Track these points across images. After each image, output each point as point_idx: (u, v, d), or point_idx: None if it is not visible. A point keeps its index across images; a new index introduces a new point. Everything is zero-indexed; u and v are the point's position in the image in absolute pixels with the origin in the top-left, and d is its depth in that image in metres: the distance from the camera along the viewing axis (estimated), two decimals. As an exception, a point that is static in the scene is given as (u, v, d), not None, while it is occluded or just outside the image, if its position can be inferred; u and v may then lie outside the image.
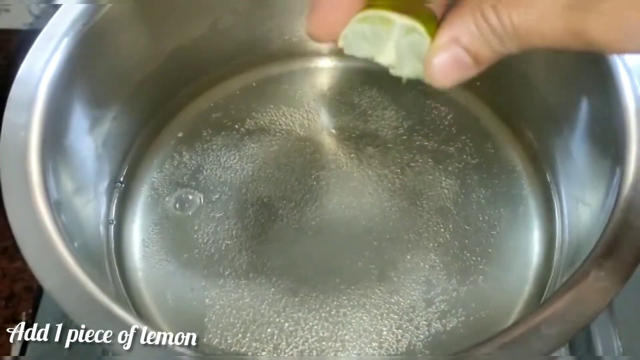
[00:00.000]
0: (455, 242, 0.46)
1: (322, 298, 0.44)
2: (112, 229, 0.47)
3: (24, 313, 0.47)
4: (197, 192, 0.48)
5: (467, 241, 0.46)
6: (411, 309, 0.43)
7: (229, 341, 0.42)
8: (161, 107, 0.51)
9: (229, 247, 0.46)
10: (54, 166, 0.38)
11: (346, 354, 0.42)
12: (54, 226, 0.35)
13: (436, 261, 0.45)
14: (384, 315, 0.43)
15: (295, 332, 0.43)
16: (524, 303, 0.44)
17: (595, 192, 0.41)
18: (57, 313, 0.33)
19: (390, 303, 0.43)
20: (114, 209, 0.48)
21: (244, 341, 0.42)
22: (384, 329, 0.43)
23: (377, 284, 0.44)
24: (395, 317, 0.43)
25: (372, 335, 0.42)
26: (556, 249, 0.46)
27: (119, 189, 0.49)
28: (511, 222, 0.47)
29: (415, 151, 0.50)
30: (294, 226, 0.47)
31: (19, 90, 0.38)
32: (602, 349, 0.42)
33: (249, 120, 0.52)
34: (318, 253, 0.45)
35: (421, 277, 0.44)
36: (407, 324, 0.43)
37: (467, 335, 0.42)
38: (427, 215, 0.47)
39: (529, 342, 0.31)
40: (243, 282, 0.44)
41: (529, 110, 0.50)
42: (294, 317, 0.43)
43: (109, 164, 0.47)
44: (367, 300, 0.43)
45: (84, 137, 0.44)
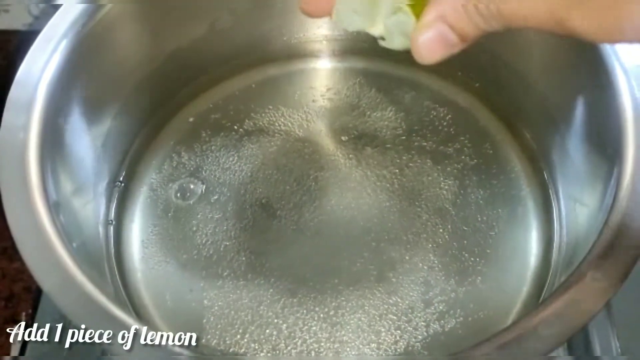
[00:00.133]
0: (454, 243, 0.46)
1: (320, 299, 0.44)
2: (111, 229, 0.47)
3: (24, 313, 0.47)
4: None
5: (465, 242, 0.46)
6: (410, 310, 0.43)
7: (227, 342, 0.42)
8: (160, 108, 0.51)
9: (227, 248, 0.46)
10: (52, 167, 0.38)
11: (345, 355, 0.42)
12: (53, 227, 0.35)
13: (435, 262, 0.45)
14: (383, 316, 0.43)
15: (294, 332, 0.43)
16: (522, 303, 0.44)
17: (593, 192, 0.41)
18: (57, 313, 0.33)
19: (389, 304, 0.43)
20: (113, 210, 0.48)
21: (243, 342, 0.42)
22: (382, 329, 0.43)
23: (376, 285, 0.44)
24: (393, 317, 0.43)
25: (370, 336, 0.42)
26: (554, 249, 0.46)
27: (118, 189, 0.49)
28: (509, 223, 0.47)
29: (413, 152, 0.50)
30: (292, 227, 0.47)
31: (18, 91, 0.38)
32: (600, 349, 0.42)
33: (247, 121, 0.52)
34: (317, 254, 0.45)
35: (420, 278, 0.44)
36: (406, 324, 0.43)
37: (466, 336, 0.42)
38: (426, 216, 0.47)
39: (527, 342, 0.31)
40: (242, 283, 0.44)
41: (528, 111, 0.50)
42: (293, 318, 0.43)
43: (108, 164, 0.47)
44: (365, 301, 0.43)
45: (83, 137, 0.44)
